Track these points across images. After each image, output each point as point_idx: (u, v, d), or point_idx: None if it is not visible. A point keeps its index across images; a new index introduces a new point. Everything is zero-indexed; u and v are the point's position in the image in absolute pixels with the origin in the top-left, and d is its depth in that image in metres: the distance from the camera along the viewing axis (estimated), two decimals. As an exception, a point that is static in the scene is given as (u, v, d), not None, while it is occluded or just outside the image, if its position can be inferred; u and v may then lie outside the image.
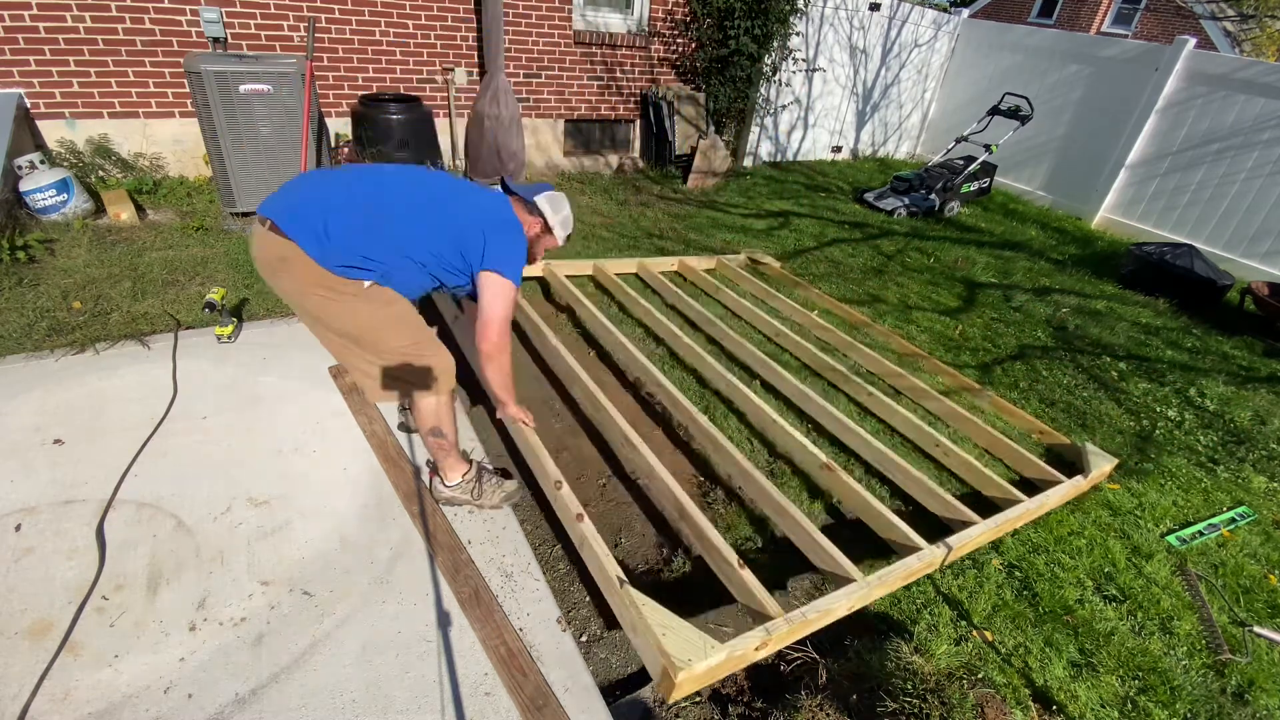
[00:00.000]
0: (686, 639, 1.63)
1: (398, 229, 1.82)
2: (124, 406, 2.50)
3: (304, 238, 1.72)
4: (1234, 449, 3.36)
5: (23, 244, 3.34)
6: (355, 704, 1.64)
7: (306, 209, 1.76)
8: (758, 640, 1.73)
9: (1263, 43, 13.42)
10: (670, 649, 1.58)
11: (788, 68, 6.81)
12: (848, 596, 1.94)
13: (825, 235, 5.61)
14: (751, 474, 2.38)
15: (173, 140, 4.47)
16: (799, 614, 1.83)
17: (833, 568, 2.08)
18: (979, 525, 2.34)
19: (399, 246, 1.83)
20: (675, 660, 1.56)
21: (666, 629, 1.64)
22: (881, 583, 2.02)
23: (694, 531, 2.12)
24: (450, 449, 2.14)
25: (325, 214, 1.75)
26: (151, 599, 1.83)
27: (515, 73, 5.60)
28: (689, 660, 1.57)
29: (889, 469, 2.70)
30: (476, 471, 2.24)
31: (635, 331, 3.61)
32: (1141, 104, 6.53)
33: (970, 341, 4.14)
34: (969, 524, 2.36)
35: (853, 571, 2.01)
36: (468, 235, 1.87)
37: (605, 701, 1.72)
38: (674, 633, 1.64)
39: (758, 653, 1.76)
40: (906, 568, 2.10)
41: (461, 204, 1.93)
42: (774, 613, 1.82)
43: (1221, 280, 5.12)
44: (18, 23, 3.76)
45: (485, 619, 1.89)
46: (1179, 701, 1.97)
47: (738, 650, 1.67)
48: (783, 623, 1.79)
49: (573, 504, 2.06)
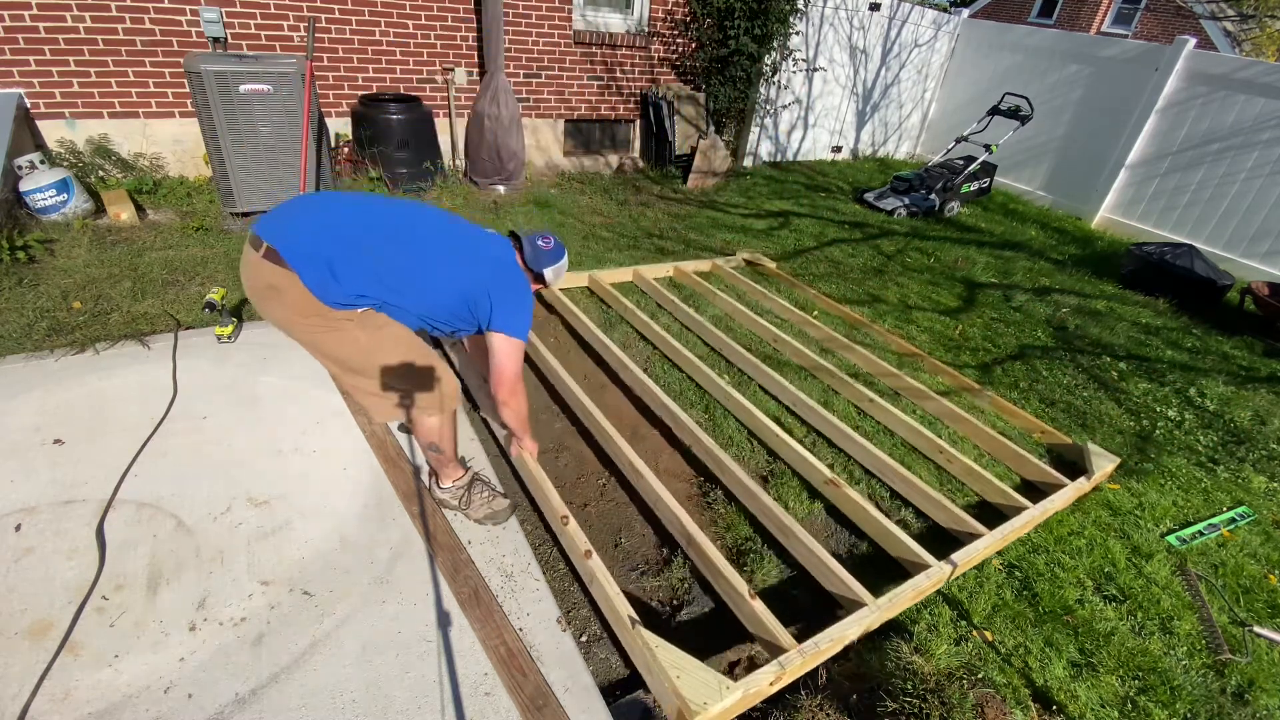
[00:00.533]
0: (702, 680, 1.62)
1: (410, 285, 1.82)
2: (124, 406, 2.50)
3: (307, 272, 1.67)
4: (1234, 449, 3.36)
5: (23, 244, 3.34)
6: (355, 704, 1.64)
7: (314, 244, 1.70)
8: (772, 675, 1.72)
9: (1263, 43, 13.42)
10: (685, 692, 1.58)
11: (788, 68, 6.80)
12: (859, 622, 1.92)
13: (825, 235, 5.61)
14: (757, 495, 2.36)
15: (173, 140, 4.47)
16: (812, 644, 1.81)
17: (843, 591, 2.07)
18: (986, 537, 2.33)
19: (411, 302, 1.84)
20: (690, 703, 1.55)
21: (681, 671, 1.63)
22: (892, 604, 2.01)
23: (702, 560, 2.10)
24: (448, 461, 2.16)
25: (333, 253, 1.70)
26: (151, 599, 1.83)
27: (515, 73, 5.60)
28: (704, 704, 1.57)
29: (891, 478, 2.68)
30: (469, 481, 2.24)
31: (637, 347, 3.60)
32: (1141, 104, 6.53)
33: (970, 341, 4.14)
34: (976, 535, 2.34)
35: (864, 595, 2.00)
36: (477, 297, 1.89)
37: (605, 701, 1.73)
38: (688, 674, 1.63)
39: (772, 687, 1.75)
40: (915, 587, 2.07)
41: (470, 261, 1.93)
42: (787, 645, 1.80)
43: (1221, 280, 5.12)
44: (18, 23, 3.76)
45: (485, 619, 1.89)
46: (1179, 701, 1.97)
47: (752, 688, 1.66)
48: (796, 655, 1.77)
49: (580, 540, 2.02)
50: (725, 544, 2.38)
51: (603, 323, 3.65)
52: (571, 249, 4.54)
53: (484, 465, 2.47)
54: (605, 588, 1.88)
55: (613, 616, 1.86)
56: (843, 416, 3.06)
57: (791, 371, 3.41)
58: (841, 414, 3.11)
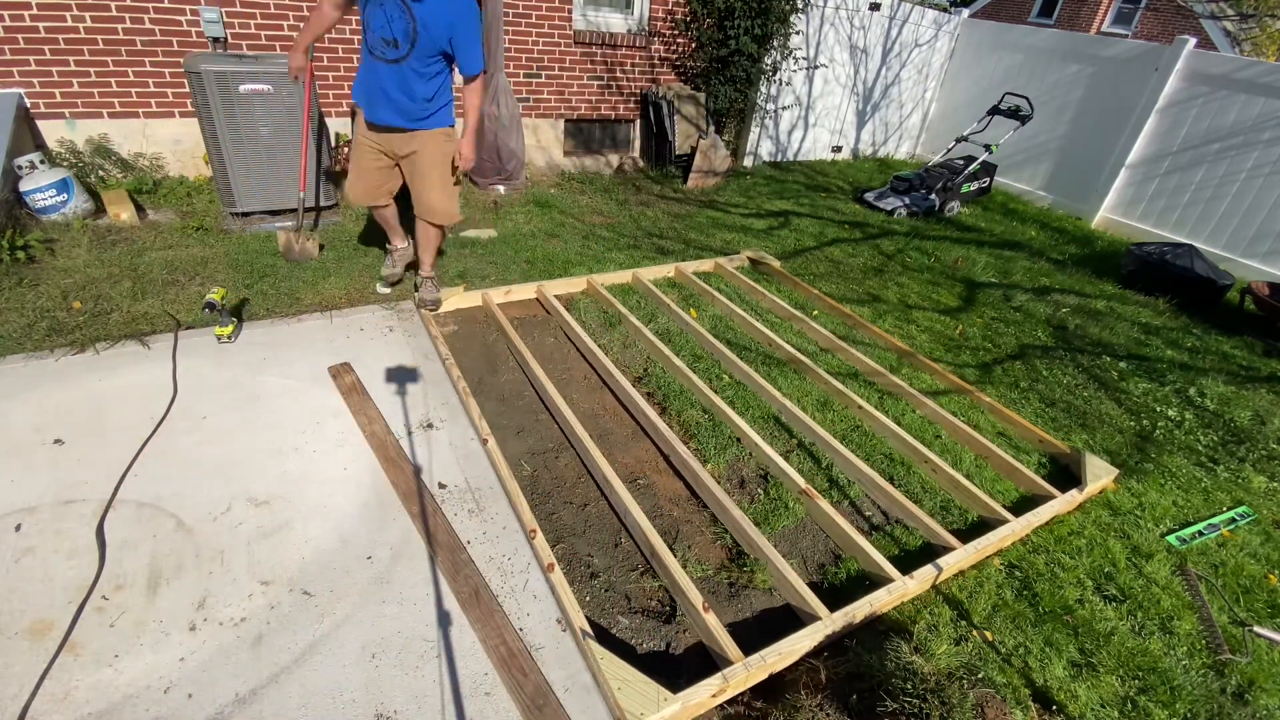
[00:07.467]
0: (641, 692, 1.67)
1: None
2: (124, 406, 2.50)
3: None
4: (1234, 449, 3.36)
5: (23, 244, 3.34)
6: (355, 704, 1.64)
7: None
8: (715, 687, 1.74)
9: (1263, 43, 13.41)
10: (624, 703, 1.64)
11: (788, 67, 6.80)
12: (811, 635, 1.94)
13: (825, 235, 5.61)
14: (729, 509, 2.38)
15: (173, 140, 4.47)
16: (758, 658, 1.83)
17: (799, 603, 2.09)
18: (958, 551, 2.31)
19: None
20: (628, 713, 1.62)
21: (623, 682, 1.69)
22: (846, 618, 2.01)
23: (665, 574, 2.14)
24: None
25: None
26: (151, 599, 1.83)
27: (515, 72, 5.59)
28: (641, 714, 1.62)
29: (871, 489, 2.67)
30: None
31: (631, 351, 3.60)
32: (1142, 104, 6.52)
33: (970, 341, 4.14)
34: (948, 549, 2.34)
35: (819, 609, 2.01)
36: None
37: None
38: (629, 686, 1.68)
39: (714, 699, 1.77)
40: (873, 602, 2.07)
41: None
42: (733, 657, 1.82)
43: (1221, 280, 5.12)
44: (18, 23, 3.76)
45: (485, 619, 1.89)
46: (1179, 701, 1.97)
47: (693, 699, 1.70)
48: (741, 668, 1.80)
49: (545, 554, 2.09)
50: (724, 545, 2.38)
51: (598, 327, 3.64)
52: (572, 249, 4.54)
53: (483, 471, 2.46)
54: (564, 600, 1.94)
55: (571, 628, 1.89)
56: (830, 425, 3.02)
57: (785, 376, 3.40)
58: (830, 422, 3.07)
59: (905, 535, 2.51)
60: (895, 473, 2.83)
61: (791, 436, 2.98)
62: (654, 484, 2.60)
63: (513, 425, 2.80)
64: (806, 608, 2.05)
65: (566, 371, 3.24)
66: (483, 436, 2.57)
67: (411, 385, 2.89)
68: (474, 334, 3.43)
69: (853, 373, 3.53)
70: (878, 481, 2.63)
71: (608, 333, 3.56)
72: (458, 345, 3.29)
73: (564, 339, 3.51)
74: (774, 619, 2.11)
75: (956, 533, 2.51)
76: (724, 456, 2.77)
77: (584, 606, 2.02)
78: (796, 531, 2.47)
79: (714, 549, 2.35)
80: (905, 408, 3.29)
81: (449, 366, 2.98)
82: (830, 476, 2.76)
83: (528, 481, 2.51)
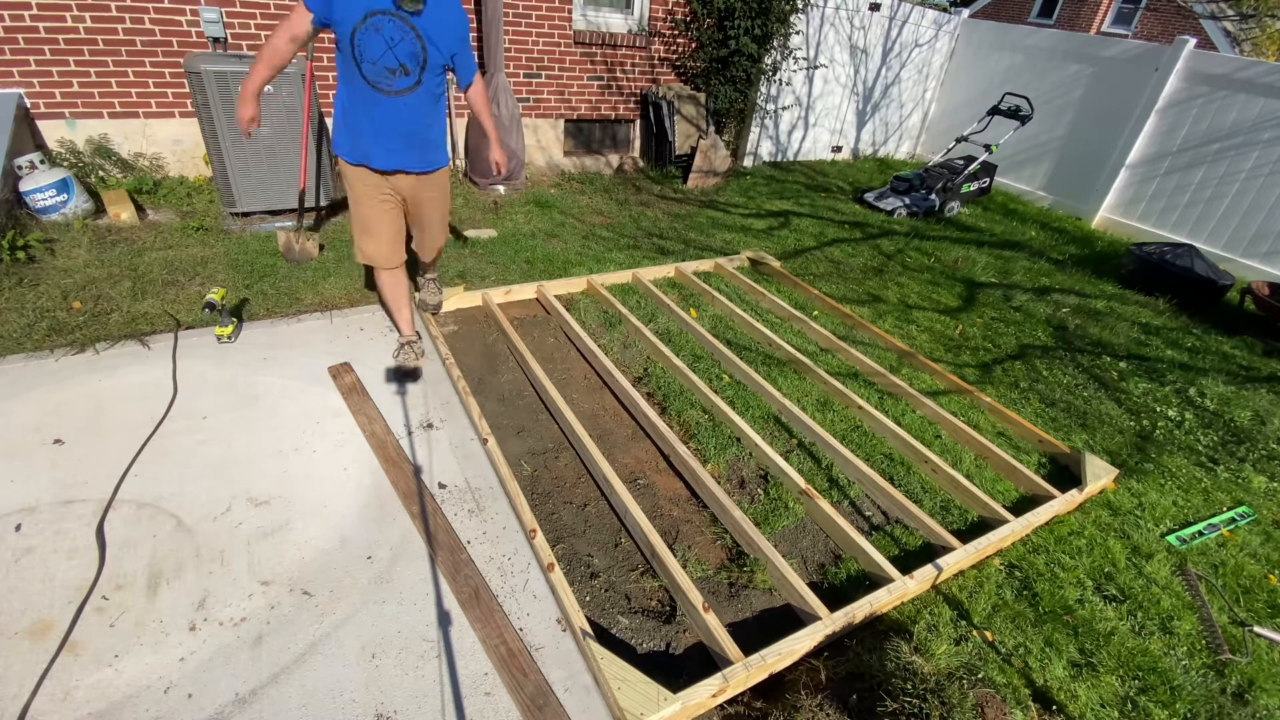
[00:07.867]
0: (641, 692, 1.67)
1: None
2: (124, 406, 2.50)
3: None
4: (1234, 449, 3.36)
5: (23, 244, 3.34)
6: (355, 704, 1.64)
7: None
8: (715, 687, 1.74)
9: (1263, 43, 13.41)
10: (623, 702, 1.64)
11: (788, 67, 6.80)
12: (811, 635, 1.93)
13: (825, 235, 5.61)
14: (729, 509, 2.38)
15: (173, 140, 4.47)
16: (758, 658, 1.83)
17: (800, 604, 2.09)
18: (957, 551, 2.31)
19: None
20: (628, 713, 1.62)
21: (623, 682, 1.69)
22: (846, 618, 2.01)
23: (665, 574, 2.14)
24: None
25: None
26: (151, 599, 1.83)
27: (515, 72, 5.59)
28: (641, 714, 1.62)
29: (871, 489, 2.66)
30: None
31: (631, 352, 3.60)
32: (1142, 104, 6.52)
33: (970, 341, 4.14)
34: (949, 549, 2.34)
35: (819, 609, 2.01)
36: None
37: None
38: (629, 685, 1.68)
39: (714, 699, 1.77)
40: (874, 602, 2.07)
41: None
42: (733, 657, 1.82)
43: (1221, 280, 5.12)
44: (18, 23, 3.76)
45: (485, 619, 1.89)
46: (1179, 701, 1.97)
47: (692, 699, 1.70)
48: (741, 668, 1.80)
49: (545, 554, 2.09)
50: (724, 545, 2.38)
51: (598, 327, 3.64)
52: (572, 249, 4.54)
53: (489, 478, 2.47)
54: (564, 601, 1.94)
55: (571, 629, 1.89)
56: (830, 425, 3.02)
57: (785, 376, 3.40)
58: (830, 422, 3.07)
59: (905, 535, 2.51)
60: (895, 473, 2.83)
61: (791, 436, 2.98)
62: (654, 484, 2.61)
63: (513, 425, 2.80)
64: (806, 608, 2.05)
65: (566, 371, 3.24)
66: (483, 436, 2.57)
67: (411, 385, 2.89)
68: (474, 334, 3.43)
69: (853, 373, 3.53)
70: (878, 481, 2.63)
71: (608, 333, 3.56)
72: (458, 345, 3.29)
73: (564, 339, 3.52)
74: (774, 619, 2.11)
75: (956, 533, 2.51)
76: (724, 456, 2.77)
77: (584, 606, 2.02)
78: (796, 531, 2.47)
79: (714, 549, 2.36)
80: (905, 408, 3.28)
81: (449, 366, 2.98)
82: (830, 476, 2.76)
83: (528, 481, 2.51)
